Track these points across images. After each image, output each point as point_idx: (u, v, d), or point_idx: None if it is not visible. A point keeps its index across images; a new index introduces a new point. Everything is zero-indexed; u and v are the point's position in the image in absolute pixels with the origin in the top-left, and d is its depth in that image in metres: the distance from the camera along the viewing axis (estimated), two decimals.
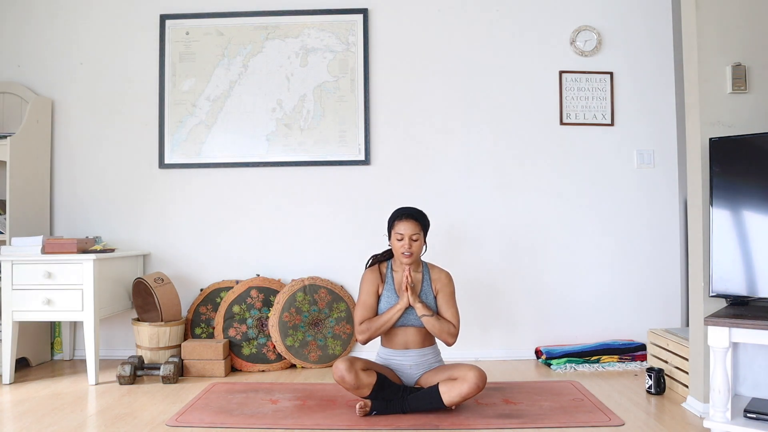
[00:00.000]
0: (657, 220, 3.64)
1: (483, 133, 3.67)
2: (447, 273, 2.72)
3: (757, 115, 2.51)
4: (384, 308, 2.62)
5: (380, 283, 2.67)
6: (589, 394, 2.81)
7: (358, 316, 2.63)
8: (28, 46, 3.77)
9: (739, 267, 2.29)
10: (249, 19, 3.71)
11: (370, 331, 2.59)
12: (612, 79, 3.65)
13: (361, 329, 2.60)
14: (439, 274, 2.70)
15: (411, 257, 2.60)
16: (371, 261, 2.78)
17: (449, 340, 2.59)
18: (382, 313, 2.61)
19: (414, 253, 2.61)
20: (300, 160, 3.68)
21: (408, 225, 2.62)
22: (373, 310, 2.64)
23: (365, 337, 2.60)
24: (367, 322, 2.60)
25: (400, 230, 2.62)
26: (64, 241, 3.12)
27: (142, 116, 3.74)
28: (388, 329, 2.60)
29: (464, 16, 3.69)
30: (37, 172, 3.58)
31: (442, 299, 2.65)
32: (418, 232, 2.63)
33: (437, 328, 2.57)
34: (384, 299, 2.64)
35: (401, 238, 2.61)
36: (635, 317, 3.60)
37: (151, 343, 3.28)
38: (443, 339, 2.59)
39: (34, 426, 2.42)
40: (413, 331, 2.62)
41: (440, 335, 2.58)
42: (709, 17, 2.54)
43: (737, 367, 2.29)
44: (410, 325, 2.61)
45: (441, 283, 2.67)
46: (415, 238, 2.61)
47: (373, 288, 2.65)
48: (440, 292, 2.66)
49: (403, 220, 2.63)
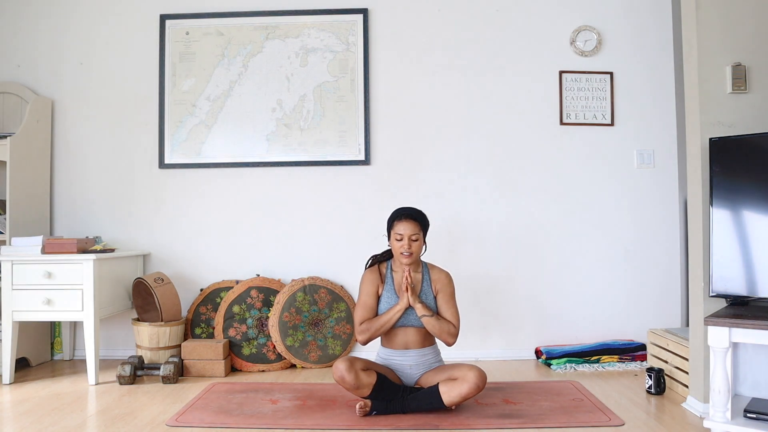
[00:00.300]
0: (657, 220, 3.64)
1: (483, 133, 3.67)
2: (447, 273, 2.71)
3: (757, 115, 2.51)
4: (384, 309, 2.62)
5: (380, 283, 2.67)
6: (589, 394, 2.81)
7: (358, 317, 2.63)
8: (28, 46, 3.77)
9: (739, 267, 2.29)
10: (249, 19, 3.71)
11: (370, 332, 2.59)
12: (612, 79, 3.65)
13: (361, 329, 2.60)
14: (439, 275, 2.69)
15: (410, 257, 2.60)
16: (371, 261, 2.78)
17: (449, 340, 2.59)
18: (382, 314, 2.61)
19: (413, 253, 2.61)
20: (300, 160, 3.68)
21: (407, 225, 2.61)
22: (373, 310, 2.63)
23: (365, 337, 2.59)
24: (367, 323, 2.60)
25: (400, 230, 2.62)
26: (64, 241, 3.12)
27: (142, 116, 3.74)
28: (388, 329, 2.60)
29: (464, 16, 3.69)
30: (37, 172, 3.59)
31: (442, 299, 2.65)
32: (418, 233, 2.63)
33: (437, 328, 2.57)
34: (384, 300, 2.64)
35: (400, 238, 2.61)
36: (635, 317, 3.60)
37: (151, 343, 3.28)
38: (443, 339, 2.59)
39: (34, 426, 2.42)
40: (413, 332, 2.62)
41: (440, 335, 2.58)
42: (709, 17, 2.54)
43: (737, 367, 2.29)
44: (410, 326, 2.61)
45: (441, 284, 2.67)
46: (415, 238, 2.61)
47: (372, 288, 2.65)
48: (440, 293, 2.66)
49: (403, 221, 2.63)
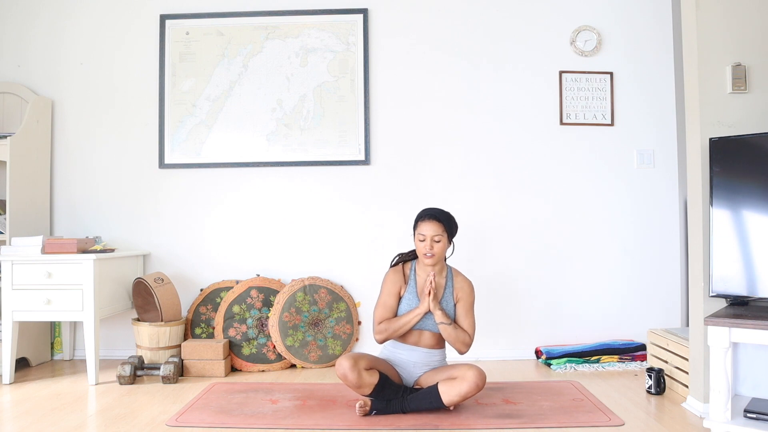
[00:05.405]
0: (657, 220, 3.64)
1: (483, 133, 3.67)
2: (470, 282, 2.69)
3: (757, 115, 2.51)
4: (404, 310, 2.60)
5: (403, 284, 2.65)
6: (589, 394, 2.81)
7: (378, 316, 2.61)
8: (28, 46, 3.77)
9: (739, 267, 2.29)
10: (249, 19, 3.71)
11: (388, 332, 2.58)
12: (612, 79, 3.65)
13: (380, 329, 2.59)
14: (463, 283, 2.67)
15: (433, 258, 2.58)
16: (397, 259, 2.75)
17: (462, 349, 2.58)
18: (401, 315, 2.59)
19: (436, 254, 2.58)
20: (300, 160, 3.68)
21: (430, 226, 2.59)
22: (392, 310, 2.62)
23: (382, 337, 2.59)
24: (386, 323, 2.59)
25: (423, 231, 2.59)
26: (64, 241, 3.12)
27: (142, 116, 3.74)
28: (405, 332, 2.59)
29: (464, 15, 3.69)
30: (37, 172, 3.58)
31: (461, 308, 2.63)
32: (441, 234, 2.59)
33: (453, 336, 2.56)
34: (405, 301, 2.62)
35: (423, 238, 2.59)
36: (635, 317, 3.60)
37: (151, 343, 3.28)
38: (457, 347, 2.58)
39: (34, 426, 2.42)
40: (428, 335, 2.62)
41: (455, 344, 2.57)
42: (709, 17, 2.54)
43: (737, 367, 2.29)
44: (426, 329, 2.61)
45: (464, 292, 2.65)
46: (438, 239, 2.58)
47: (395, 288, 2.64)
48: (461, 301, 2.64)
49: (426, 221, 2.60)
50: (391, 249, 3.37)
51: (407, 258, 2.74)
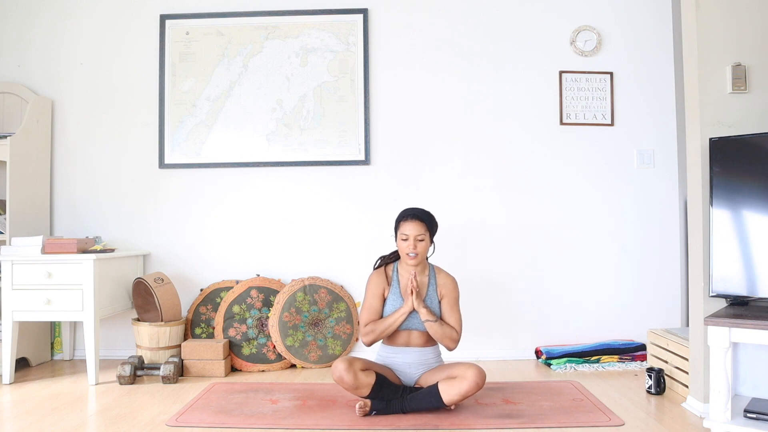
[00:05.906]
0: (657, 220, 3.64)
1: (483, 134, 3.67)
2: (453, 278, 2.70)
3: (757, 115, 2.51)
4: (389, 311, 2.62)
5: (386, 285, 2.67)
6: (589, 394, 2.81)
7: (363, 319, 2.63)
8: (29, 46, 3.77)
9: (739, 267, 2.29)
10: (249, 19, 3.71)
11: (375, 334, 2.59)
12: (612, 79, 3.65)
13: (366, 331, 2.60)
14: (445, 280, 2.68)
15: (416, 258, 2.59)
16: (379, 262, 2.77)
17: (451, 345, 2.59)
18: (386, 317, 2.61)
19: (419, 254, 2.60)
20: (300, 160, 3.68)
21: (413, 226, 2.60)
22: (377, 312, 2.63)
23: (370, 339, 2.60)
24: (372, 324, 2.60)
25: (405, 231, 2.61)
26: (64, 241, 3.12)
27: (142, 116, 3.74)
28: (392, 332, 2.60)
29: (464, 16, 3.69)
30: (37, 172, 3.58)
31: (446, 304, 2.64)
32: (424, 233, 2.61)
33: (440, 333, 2.57)
34: (389, 302, 2.63)
35: (406, 238, 2.60)
36: (635, 317, 3.60)
37: (151, 343, 3.28)
38: (445, 344, 2.59)
39: (34, 426, 2.42)
40: (417, 334, 2.63)
41: (442, 340, 2.58)
42: (709, 17, 2.54)
43: (737, 367, 2.29)
44: (414, 329, 2.62)
45: (447, 289, 2.66)
46: (420, 239, 2.60)
47: (378, 291, 2.65)
48: (445, 297, 2.65)
49: (409, 221, 2.62)
50: (390, 249, 3.35)
51: (389, 260, 2.75)
